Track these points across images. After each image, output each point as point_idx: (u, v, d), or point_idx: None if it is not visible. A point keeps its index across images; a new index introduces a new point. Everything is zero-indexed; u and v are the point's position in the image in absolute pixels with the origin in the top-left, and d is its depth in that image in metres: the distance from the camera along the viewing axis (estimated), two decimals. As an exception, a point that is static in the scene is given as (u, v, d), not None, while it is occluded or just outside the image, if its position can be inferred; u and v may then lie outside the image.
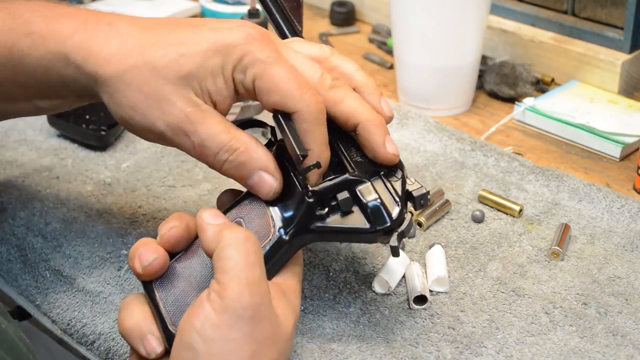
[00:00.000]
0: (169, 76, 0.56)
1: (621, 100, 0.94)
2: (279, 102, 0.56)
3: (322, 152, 0.57)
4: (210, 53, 0.56)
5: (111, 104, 0.59)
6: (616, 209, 0.77)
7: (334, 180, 0.58)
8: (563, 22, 1.01)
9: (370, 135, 0.59)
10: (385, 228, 0.57)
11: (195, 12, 1.22)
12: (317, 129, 0.57)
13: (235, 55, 0.56)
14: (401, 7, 0.92)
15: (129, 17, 0.61)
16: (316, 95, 0.57)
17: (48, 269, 0.72)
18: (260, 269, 0.52)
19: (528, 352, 0.62)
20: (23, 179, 0.82)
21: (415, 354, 0.62)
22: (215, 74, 0.57)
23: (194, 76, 0.57)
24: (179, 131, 0.57)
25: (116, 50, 0.58)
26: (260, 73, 0.56)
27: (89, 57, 0.58)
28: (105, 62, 0.57)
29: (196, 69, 0.56)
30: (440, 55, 0.92)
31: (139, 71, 0.57)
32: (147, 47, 0.57)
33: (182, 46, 0.57)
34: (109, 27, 0.59)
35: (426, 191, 0.59)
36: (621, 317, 0.65)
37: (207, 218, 0.55)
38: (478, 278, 0.70)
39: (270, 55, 0.56)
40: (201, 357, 0.50)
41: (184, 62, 0.56)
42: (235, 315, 0.50)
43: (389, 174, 0.59)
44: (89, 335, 0.66)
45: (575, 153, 0.89)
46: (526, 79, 0.97)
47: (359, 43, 1.15)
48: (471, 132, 0.92)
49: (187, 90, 0.57)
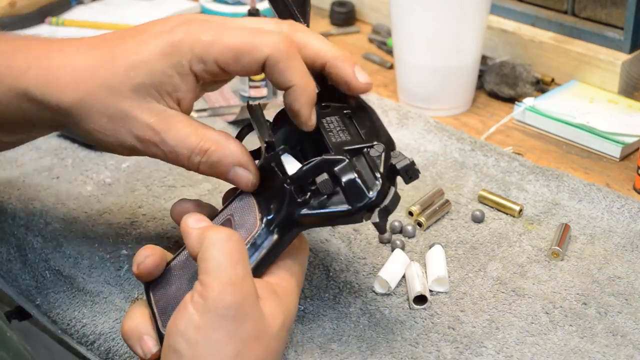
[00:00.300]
0: (124, 92, 0.57)
1: (621, 100, 0.94)
2: (247, 62, 0.56)
3: (306, 85, 0.57)
4: (156, 59, 0.56)
5: (79, 131, 0.59)
6: (616, 209, 0.77)
7: (311, 164, 0.56)
8: (563, 22, 1.01)
9: (339, 70, 0.59)
10: (366, 205, 0.55)
11: (195, 12, 1.22)
12: (292, 63, 0.56)
13: (184, 52, 0.56)
14: (401, 7, 0.92)
15: (77, 40, 0.61)
16: (277, 33, 0.57)
17: (48, 269, 0.72)
18: (243, 268, 0.52)
19: (528, 352, 0.62)
20: (23, 179, 0.82)
21: (415, 354, 0.62)
22: (169, 75, 0.57)
23: (148, 85, 0.57)
24: (148, 143, 0.57)
25: (70, 78, 0.58)
26: (216, 51, 0.56)
27: (47, 90, 0.58)
28: (62, 93, 0.58)
29: (148, 78, 0.56)
30: (440, 55, 0.92)
31: (96, 94, 0.57)
32: (97, 68, 0.57)
33: (129, 59, 0.57)
34: (61, 54, 0.59)
35: (410, 162, 0.56)
36: (621, 317, 0.65)
37: (192, 223, 0.55)
38: (478, 278, 0.70)
39: (216, 30, 0.56)
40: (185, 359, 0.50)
41: (134, 75, 0.56)
42: (218, 315, 0.50)
43: (371, 150, 0.57)
44: (89, 335, 0.66)
45: (575, 153, 0.89)
46: (526, 79, 0.97)
47: (359, 43, 1.15)
48: (471, 132, 0.92)
49: (146, 100, 0.57)
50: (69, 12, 1.20)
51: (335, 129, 0.59)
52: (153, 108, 0.57)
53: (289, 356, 0.62)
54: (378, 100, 0.97)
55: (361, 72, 0.60)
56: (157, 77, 0.56)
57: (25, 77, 0.58)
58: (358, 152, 0.57)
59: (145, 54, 0.57)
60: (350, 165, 0.55)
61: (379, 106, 0.95)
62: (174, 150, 0.57)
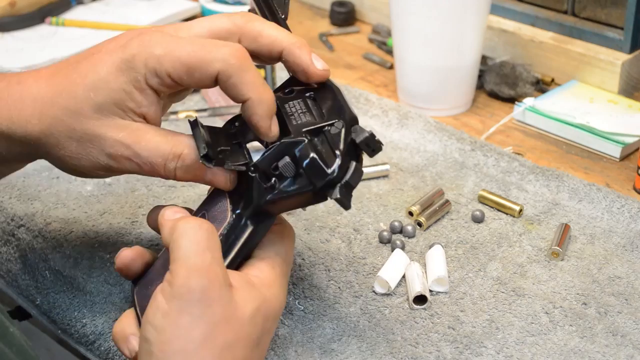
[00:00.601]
0: (88, 113, 0.57)
1: (621, 100, 0.94)
2: (199, 77, 0.56)
3: (261, 97, 0.56)
4: (113, 76, 0.56)
5: (52, 160, 0.60)
6: (616, 209, 0.77)
7: (272, 149, 0.56)
8: (563, 22, 1.01)
9: (296, 58, 0.59)
10: (328, 182, 0.55)
11: (195, 12, 1.22)
12: (244, 77, 0.56)
13: (139, 67, 0.56)
14: (401, 7, 0.92)
15: (34, 71, 0.61)
16: (229, 46, 0.56)
17: (48, 269, 0.72)
18: (212, 255, 0.52)
19: (528, 352, 0.62)
20: (23, 179, 0.82)
21: (415, 354, 0.62)
22: (128, 92, 0.57)
23: (109, 103, 0.57)
24: (121, 158, 0.58)
25: (32, 108, 0.58)
26: (169, 65, 0.56)
27: (11, 123, 0.58)
28: (27, 123, 0.58)
29: (108, 97, 0.57)
30: (440, 55, 0.92)
31: (60, 120, 0.57)
32: (58, 94, 0.58)
33: (87, 80, 0.57)
34: (20, 87, 0.59)
35: (369, 134, 0.56)
36: (621, 317, 0.65)
37: (167, 215, 0.56)
38: (478, 278, 0.70)
39: (168, 43, 0.56)
40: (154, 347, 0.50)
41: (94, 95, 0.57)
42: (184, 300, 0.50)
43: (331, 128, 0.57)
44: (89, 335, 0.66)
45: (575, 153, 0.89)
46: (526, 79, 0.97)
47: (359, 43, 1.15)
48: (471, 132, 0.92)
49: (110, 118, 0.57)
50: (69, 12, 1.20)
51: (297, 112, 0.59)
52: (119, 124, 0.57)
53: (289, 356, 0.62)
54: (378, 100, 0.97)
55: (318, 59, 0.60)
56: (117, 95, 0.57)
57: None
58: (318, 132, 0.57)
59: (102, 73, 0.57)
60: (310, 145, 0.56)
61: (378, 106, 0.95)
62: (148, 161, 0.57)
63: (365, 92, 0.98)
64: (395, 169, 0.84)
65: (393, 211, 0.78)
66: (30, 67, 1.05)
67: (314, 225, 0.76)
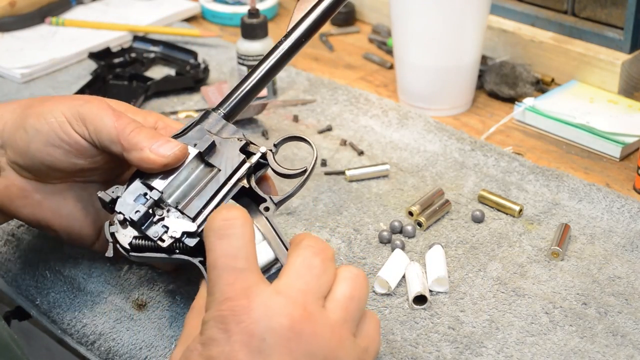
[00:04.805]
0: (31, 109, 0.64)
1: (621, 100, 0.94)
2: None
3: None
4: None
5: (27, 156, 0.63)
6: (616, 209, 0.77)
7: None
8: (563, 22, 1.01)
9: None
10: None
11: (195, 12, 1.22)
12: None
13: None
14: (401, 7, 0.92)
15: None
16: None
17: (48, 269, 0.72)
18: None
19: (528, 352, 0.62)
20: (23, 179, 0.82)
21: (415, 354, 0.62)
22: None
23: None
24: (77, 122, 0.62)
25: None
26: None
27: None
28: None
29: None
30: (440, 55, 0.92)
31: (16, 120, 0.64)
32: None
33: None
34: None
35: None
36: (621, 317, 0.65)
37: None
38: (478, 278, 0.70)
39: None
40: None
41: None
42: None
43: None
44: (89, 335, 0.66)
45: (575, 153, 0.89)
46: (526, 79, 0.97)
47: (359, 43, 1.15)
48: (471, 132, 0.92)
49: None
50: (69, 12, 1.20)
51: None
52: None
53: (289, 356, 0.62)
54: (378, 100, 0.97)
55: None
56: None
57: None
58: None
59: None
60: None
61: (379, 106, 0.95)
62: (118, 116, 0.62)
63: (365, 92, 0.98)
64: (395, 169, 0.84)
65: (393, 211, 0.78)
66: (30, 66, 1.05)
67: (314, 225, 0.76)
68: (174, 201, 0.61)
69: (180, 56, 1.07)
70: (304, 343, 0.48)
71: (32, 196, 0.65)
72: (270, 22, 1.16)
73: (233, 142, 0.63)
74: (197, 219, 0.60)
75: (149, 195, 0.60)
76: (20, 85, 1.04)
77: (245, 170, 0.62)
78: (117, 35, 1.13)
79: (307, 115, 0.95)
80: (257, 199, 0.62)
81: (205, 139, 0.62)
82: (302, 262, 0.52)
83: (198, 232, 0.59)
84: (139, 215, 0.59)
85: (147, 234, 0.60)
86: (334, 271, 0.53)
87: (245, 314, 0.48)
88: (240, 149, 0.63)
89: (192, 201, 0.61)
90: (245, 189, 0.62)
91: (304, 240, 0.53)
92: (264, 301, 0.49)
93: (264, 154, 0.64)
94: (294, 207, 0.78)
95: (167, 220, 0.60)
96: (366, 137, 0.90)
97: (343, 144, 0.89)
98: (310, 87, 1.00)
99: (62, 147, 0.62)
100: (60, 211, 0.66)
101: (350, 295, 0.52)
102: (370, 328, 0.54)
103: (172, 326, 0.65)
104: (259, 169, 0.64)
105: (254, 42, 0.97)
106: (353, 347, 0.51)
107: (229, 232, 0.51)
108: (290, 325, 0.48)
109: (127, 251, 0.60)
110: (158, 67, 1.07)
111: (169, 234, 0.59)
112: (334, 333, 0.50)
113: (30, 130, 0.62)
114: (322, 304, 0.51)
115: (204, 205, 0.61)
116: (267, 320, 0.48)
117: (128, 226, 0.60)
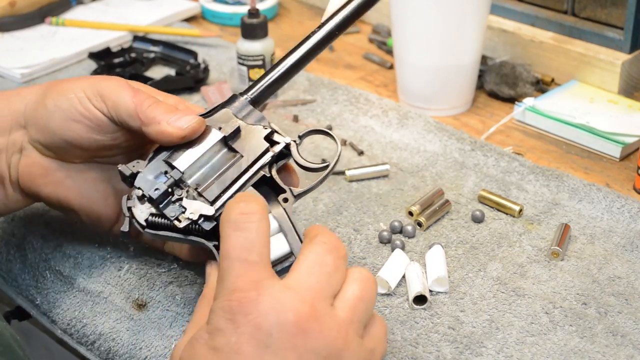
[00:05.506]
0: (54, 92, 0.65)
1: (621, 100, 0.94)
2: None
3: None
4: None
5: (46, 133, 0.64)
6: (616, 209, 0.77)
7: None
8: (563, 22, 1.01)
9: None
10: None
11: (195, 12, 1.22)
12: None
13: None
14: (401, 7, 0.92)
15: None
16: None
17: (48, 269, 0.72)
18: None
19: (528, 352, 0.62)
20: (23, 179, 0.82)
21: (415, 354, 0.62)
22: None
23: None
24: (96, 97, 0.62)
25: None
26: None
27: None
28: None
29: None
30: (440, 55, 0.92)
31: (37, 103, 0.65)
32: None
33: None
34: None
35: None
36: (621, 317, 0.65)
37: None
38: (478, 278, 0.70)
39: None
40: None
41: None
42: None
43: None
44: (89, 335, 0.66)
45: (575, 153, 0.89)
46: (526, 79, 0.97)
47: (359, 43, 1.15)
48: (471, 132, 0.92)
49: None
50: (69, 12, 1.20)
51: None
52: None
53: (289, 356, 0.62)
54: (378, 100, 0.97)
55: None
56: None
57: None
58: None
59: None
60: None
61: (379, 106, 0.95)
62: (135, 92, 0.63)
63: (365, 92, 0.98)
64: (395, 169, 0.84)
65: (393, 211, 0.78)
66: (30, 66, 1.05)
67: (314, 225, 0.76)
68: (194, 182, 0.60)
69: (180, 56, 1.07)
70: (310, 340, 0.48)
71: (54, 174, 0.65)
72: (270, 22, 1.16)
73: (258, 129, 0.63)
74: (216, 203, 0.60)
75: (169, 174, 0.60)
76: (20, 85, 1.04)
77: (268, 159, 0.62)
78: (117, 35, 1.13)
79: (307, 115, 0.95)
80: (277, 188, 0.62)
81: (231, 124, 0.62)
82: (314, 259, 0.52)
83: (215, 216, 0.59)
84: (158, 193, 0.59)
85: (164, 212, 0.59)
86: (344, 271, 0.53)
87: (253, 307, 0.48)
88: (264, 137, 0.63)
89: (212, 185, 0.61)
90: (266, 177, 0.62)
91: (318, 236, 0.53)
92: (273, 295, 0.49)
93: (288, 144, 0.63)
94: (294, 207, 0.78)
95: (185, 201, 0.60)
96: (366, 137, 0.90)
97: (343, 144, 0.89)
98: (310, 87, 1.00)
99: (82, 122, 0.63)
100: (81, 191, 0.66)
101: (359, 296, 0.52)
102: (377, 331, 0.54)
103: (172, 326, 0.65)
104: (281, 159, 0.64)
105: (254, 42, 0.97)
106: (359, 347, 0.51)
107: (246, 225, 0.51)
108: (297, 321, 0.48)
109: (143, 227, 0.60)
110: (158, 67, 1.08)
111: (187, 215, 0.59)
112: (340, 332, 0.50)
113: (50, 107, 0.63)
114: (330, 302, 0.51)
115: (224, 190, 0.60)
116: (274, 315, 0.48)
117: (146, 202, 0.60)
